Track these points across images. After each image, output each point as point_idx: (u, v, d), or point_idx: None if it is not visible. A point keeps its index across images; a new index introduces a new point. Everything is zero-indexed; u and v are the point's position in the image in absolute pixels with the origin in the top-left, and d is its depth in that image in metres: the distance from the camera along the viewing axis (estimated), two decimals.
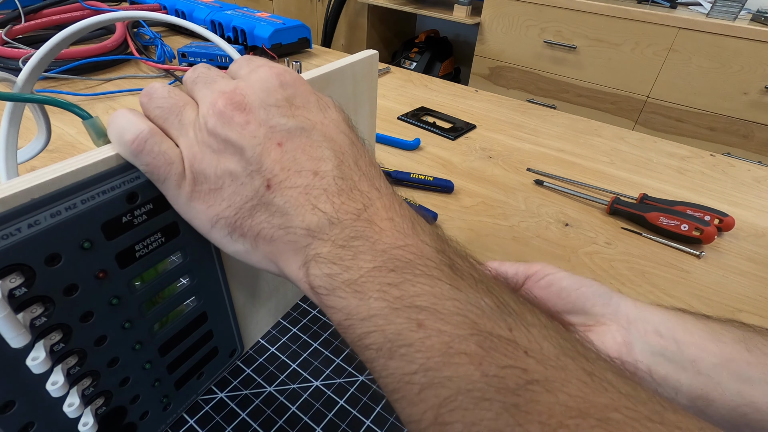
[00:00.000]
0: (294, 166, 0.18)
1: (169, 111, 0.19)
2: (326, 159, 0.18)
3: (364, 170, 0.19)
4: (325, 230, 0.17)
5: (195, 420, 0.27)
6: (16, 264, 0.16)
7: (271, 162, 0.18)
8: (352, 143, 0.20)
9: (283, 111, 0.19)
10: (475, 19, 1.80)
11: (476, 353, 0.14)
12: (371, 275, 0.16)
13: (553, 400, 0.13)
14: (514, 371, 0.14)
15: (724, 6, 1.39)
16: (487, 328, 0.15)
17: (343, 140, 0.19)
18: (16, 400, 0.18)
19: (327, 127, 0.19)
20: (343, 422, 0.27)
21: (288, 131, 0.18)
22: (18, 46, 0.71)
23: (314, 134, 0.19)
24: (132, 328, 0.21)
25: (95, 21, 0.25)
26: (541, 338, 0.15)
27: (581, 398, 0.14)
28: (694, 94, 1.49)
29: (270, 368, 0.30)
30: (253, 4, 1.99)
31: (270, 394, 0.29)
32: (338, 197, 0.18)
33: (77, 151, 0.53)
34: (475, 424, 0.14)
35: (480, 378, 0.14)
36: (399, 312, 0.15)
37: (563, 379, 0.14)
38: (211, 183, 0.18)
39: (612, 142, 0.65)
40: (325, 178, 0.18)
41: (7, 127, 0.26)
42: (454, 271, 0.17)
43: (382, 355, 0.16)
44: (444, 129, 0.64)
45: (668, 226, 0.44)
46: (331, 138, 0.19)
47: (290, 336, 0.33)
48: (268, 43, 0.82)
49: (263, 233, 0.18)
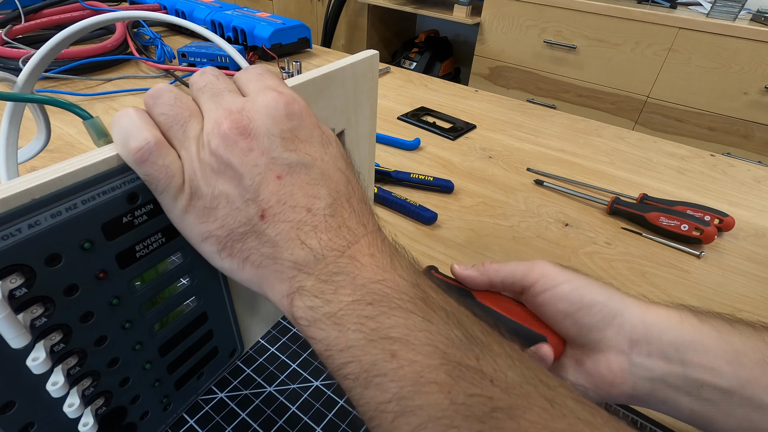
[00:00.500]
0: (290, 201, 0.19)
1: (174, 120, 0.19)
2: (321, 197, 0.19)
3: (354, 207, 0.20)
4: (310, 265, 0.18)
5: (195, 420, 0.27)
6: (17, 264, 0.16)
7: (268, 193, 0.18)
8: (347, 181, 0.20)
9: (287, 144, 0.19)
10: (475, 19, 1.80)
11: (445, 382, 0.15)
12: (350, 308, 0.17)
13: (515, 426, 0.15)
14: (480, 399, 0.15)
15: (724, 6, 1.39)
16: (455, 358, 0.16)
17: (339, 178, 0.20)
18: (16, 401, 0.18)
19: (326, 165, 0.20)
20: (343, 422, 0.27)
21: (289, 165, 0.19)
22: (18, 46, 0.71)
23: (313, 171, 0.19)
24: (132, 329, 0.21)
25: (95, 21, 0.25)
26: (506, 367, 0.16)
27: (541, 425, 0.15)
28: (694, 94, 1.49)
29: (270, 368, 0.30)
30: (253, 4, 1.99)
31: (270, 394, 0.29)
32: (326, 234, 0.18)
33: (77, 151, 0.53)
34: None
35: (449, 406, 0.15)
36: (374, 343, 0.16)
37: (525, 406, 0.15)
38: (207, 201, 0.19)
39: (612, 142, 0.65)
40: (316, 216, 0.19)
41: (7, 127, 0.26)
42: (427, 304, 0.17)
43: (359, 384, 0.16)
44: (444, 129, 0.64)
45: (668, 226, 0.44)
46: (328, 176, 0.20)
47: (290, 336, 0.33)
48: (268, 43, 0.82)
49: (252, 258, 0.19)
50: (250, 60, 0.84)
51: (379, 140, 0.60)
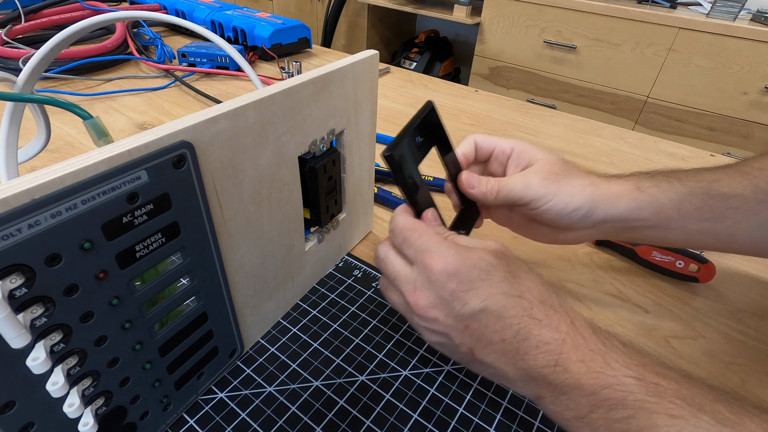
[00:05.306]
0: (484, 340, 0.23)
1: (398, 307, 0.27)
2: (507, 329, 0.22)
3: (540, 318, 0.23)
4: (535, 382, 0.22)
5: (195, 420, 0.27)
6: (17, 264, 0.16)
7: (467, 340, 0.23)
8: (519, 298, 0.23)
9: (458, 301, 0.23)
10: (475, 19, 1.80)
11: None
12: (594, 415, 0.20)
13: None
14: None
15: (724, 6, 1.39)
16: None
17: (513, 304, 0.23)
18: (17, 401, 0.18)
19: (495, 299, 0.23)
20: (343, 422, 0.27)
21: (467, 317, 0.23)
22: (18, 46, 0.71)
23: (489, 312, 0.23)
24: (132, 329, 0.21)
25: (95, 21, 0.25)
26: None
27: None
28: (694, 94, 1.49)
29: (270, 368, 0.30)
30: (253, 4, 1.99)
31: (270, 394, 0.29)
32: (530, 356, 0.22)
33: (77, 151, 0.53)
34: None
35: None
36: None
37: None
38: (437, 345, 0.25)
39: (612, 142, 0.65)
40: (511, 344, 0.22)
41: (7, 127, 0.26)
42: (663, 397, 0.19)
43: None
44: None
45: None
46: (503, 308, 0.23)
47: (290, 336, 0.33)
48: (268, 43, 0.82)
49: (489, 376, 0.25)
50: (250, 60, 0.84)
51: (379, 140, 0.60)
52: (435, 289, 0.23)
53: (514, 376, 0.23)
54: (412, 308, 0.24)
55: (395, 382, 0.30)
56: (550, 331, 0.22)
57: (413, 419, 0.28)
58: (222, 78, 0.77)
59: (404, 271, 0.25)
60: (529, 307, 0.23)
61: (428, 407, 0.28)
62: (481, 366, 0.24)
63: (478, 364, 0.24)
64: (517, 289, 0.23)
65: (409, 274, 0.25)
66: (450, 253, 0.24)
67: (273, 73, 0.81)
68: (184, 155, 0.21)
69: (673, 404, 0.19)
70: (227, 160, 0.24)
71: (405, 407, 0.28)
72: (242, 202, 0.26)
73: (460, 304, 0.23)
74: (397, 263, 0.26)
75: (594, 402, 0.20)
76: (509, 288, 0.23)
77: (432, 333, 0.25)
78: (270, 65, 0.85)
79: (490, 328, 0.23)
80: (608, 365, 0.21)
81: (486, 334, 0.23)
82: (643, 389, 0.20)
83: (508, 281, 0.23)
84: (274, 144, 0.26)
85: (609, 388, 0.20)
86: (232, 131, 0.23)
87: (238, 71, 0.77)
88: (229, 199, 0.25)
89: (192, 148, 0.21)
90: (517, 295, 0.23)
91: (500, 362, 0.23)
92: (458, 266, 0.23)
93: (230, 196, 0.25)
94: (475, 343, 0.23)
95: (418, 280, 0.24)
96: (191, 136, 0.21)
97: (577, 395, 0.21)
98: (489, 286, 0.23)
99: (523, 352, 0.22)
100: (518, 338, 0.22)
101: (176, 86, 0.72)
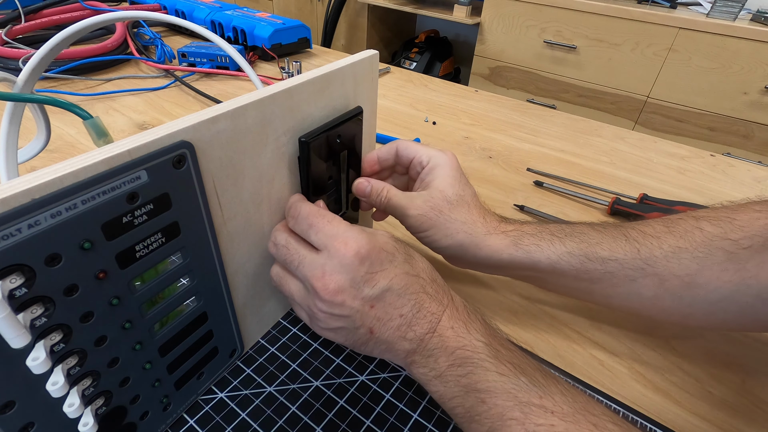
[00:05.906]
0: (385, 317, 0.25)
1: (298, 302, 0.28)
2: (406, 303, 0.25)
3: (430, 293, 0.26)
4: (414, 349, 0.25)
5: (195, 420, 0.27)
6: (17, 264, 0.16)
7: (369, 319, 0.25)
8: (417, 277, 0.26)
9: (368, 283, 0.25)
10: (475, 19, 1.80)
11: (520, 418, 0.22)
12: (448, 371, 0.24)
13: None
14: (545, 427, 0.21)
15: (724, 6, 1.39)
16: (524, 399, 0.22)
17: (412, 282, 0.26)
18: (16, 400, 0.18)
19: (399, 278, 0.25)
20: (343, 422, 0.27)
21: (374, 297, 0.25)
22: (18, 46, 0.71)
23: (393, 290, 0.25)
24: (132, 329, 0.21)
25: (95, 21, 0.25)
26: (561, 402, 0.22)
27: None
28: (694, 94, 1.49)
29: (270, 368, 0.30)
30: (253, 4, 1.99)
31: (270, 394, 0.29)
32: (418, 325, 0.25)
33: (77, 151, 0.53)
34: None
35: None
36: (469, 394, 0.23)
37: (577, 429, 0.21)
38: (330, 331, 0.26)
39: (612, 142, 0.65)
40: (407, 317, 0.25)
41: (7, 127, 0.26)
42: (499, 359, 0.24)
43: (465, 420, 0.24)
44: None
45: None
46: (405, 286, 0.25)
47: (290, 336, 0.33)
48: (268, 43, 0.82)
49: (375, 352, 0.27)
50: (250, 60, 0.84)
51: (379, 140, 0.60)
52: (347, 272, 0.24)
53: (401, 347, 0.25)
54: (318, 293, 0.24)
55: (395, 382, 0.30)
56: (436, 304, 0.26)
57: (413, 419, 0.28)
58: (222, 78, 0.77)
59: (309, 256, 0.25)
60: (424, 284, 0.26)
61: (428, 407, 0.28)
62: (376, 344, 0.26)
63: (373, 343, 0.26)
64: (415, 269, 0.26)
65: (315, 259, 0.25)
66: (361, 237, 0.25)
67: (273, 73, 0.81)
68: (184, 155, 0.21)
69: (504, 366, 0.23)
70: (227, 160, 0.24)
71: (405, 407, 0.28)
72: (242, 202, 0.26)
73: (370, 285, 0.24)
74: (302, 249, 0.26)
75: (451, 361, 0.24)
76: (409, 268, 0.26)
77: (333, 318, 0.25)
78: (270, 65, 0.85)
79: (392, 305, 0.25)
80: (468, 331, 0.25)
81: (388, 311, 0.25)
82: (486, 350, 0.24)
83: (408, 262, 0.26)
84: (274, 144, 0.26)
85: (462, 349, 0.24)
86: (232, 131, 0.23)
87: (238, 71, 0.77)
88: (229, 199, 0.25)
89: (192, 148, 0.21)
90: (415, 274, 0.26)
91: (395, 336, 0.25)
92: (369, 249, 0.25)
93: (230, 196, 0.25)
94: (376, 322, 0.25)
95: (328, 265, 0.25)
96: (191, 136, 0.21)
97: (440, 355, 0.24)
98: (394, 267, 0.25)
99: (414, 323, 0.25)
100: (413, 311, 0.25)
101: (176, 86, 0.72)
